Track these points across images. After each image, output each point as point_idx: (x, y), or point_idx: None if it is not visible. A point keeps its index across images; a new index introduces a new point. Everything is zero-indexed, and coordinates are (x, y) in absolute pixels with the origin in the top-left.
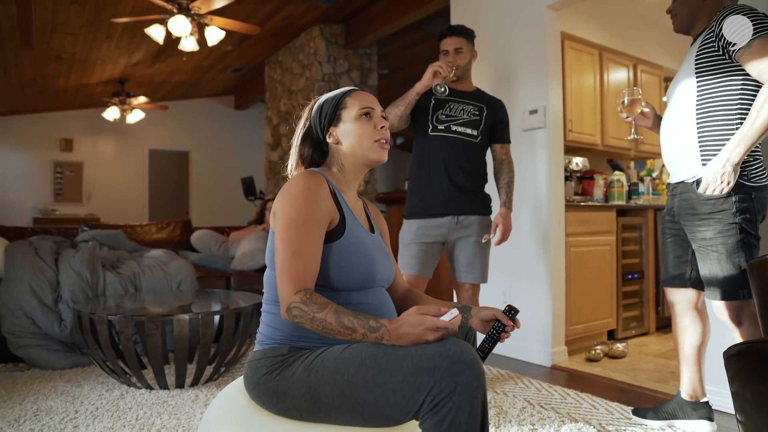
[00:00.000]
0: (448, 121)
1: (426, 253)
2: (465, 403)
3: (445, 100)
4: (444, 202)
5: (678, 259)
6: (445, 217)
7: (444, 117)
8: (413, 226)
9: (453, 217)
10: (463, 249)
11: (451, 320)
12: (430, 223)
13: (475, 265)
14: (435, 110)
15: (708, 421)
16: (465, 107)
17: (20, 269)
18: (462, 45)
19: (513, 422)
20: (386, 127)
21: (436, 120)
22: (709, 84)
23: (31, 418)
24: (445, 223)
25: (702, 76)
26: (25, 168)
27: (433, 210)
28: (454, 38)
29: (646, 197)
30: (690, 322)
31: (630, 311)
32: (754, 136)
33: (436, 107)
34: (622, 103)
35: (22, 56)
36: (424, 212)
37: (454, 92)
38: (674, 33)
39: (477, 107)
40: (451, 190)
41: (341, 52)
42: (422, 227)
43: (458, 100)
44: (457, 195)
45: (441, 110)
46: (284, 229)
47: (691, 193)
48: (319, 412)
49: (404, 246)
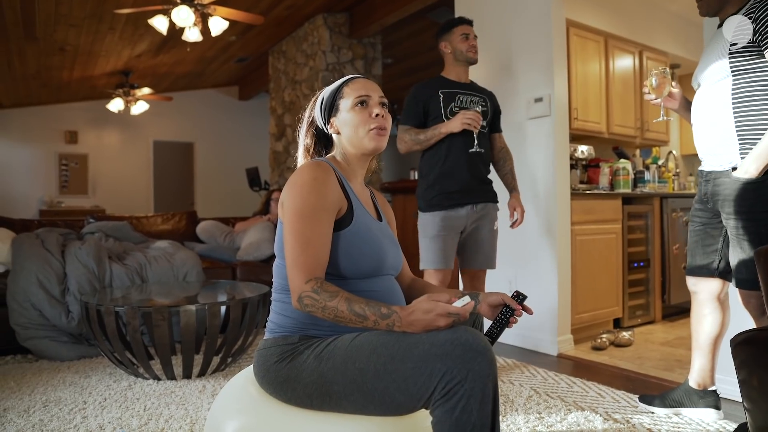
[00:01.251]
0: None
1: (452, 245)
2: (477, 391)
3: (454, 92)
4: (464, 193)
5: (706, 248)
6: (464, 207)
7: (457, 109)
8: (436, 219)
9: (472, 206)
10: (480, 236)
11: (463, 307)
12: (451, 214)
13: (492, 251)
14: (447, 103)
15: (715, 410)
16: (473, 98)
17: (27, 261)
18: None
19: (520, 411)
20: (382, 114)
21: (450, 113)
22: (746, 69)
23: (40, 409)
24: (465, 213)
25: (738, 61)
26: (31, 161)
27: (455, 201)
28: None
29: (651, 185)
30: (710, 312)
31: (636, 299)
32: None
33: (447, 100)
34: (650, 83)
35: (25, 49)
36: (443, 204)
37: (459, 84)
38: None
39: (482, 98)
40: (470, 181)
41: (345, 42)
42: (446, 218)
43: (465, 92)
44: (475, 185)
45: (453, 103)
46: (293, 219)
47: (725, 178)
48: (330, 400)
49: (430, 239)
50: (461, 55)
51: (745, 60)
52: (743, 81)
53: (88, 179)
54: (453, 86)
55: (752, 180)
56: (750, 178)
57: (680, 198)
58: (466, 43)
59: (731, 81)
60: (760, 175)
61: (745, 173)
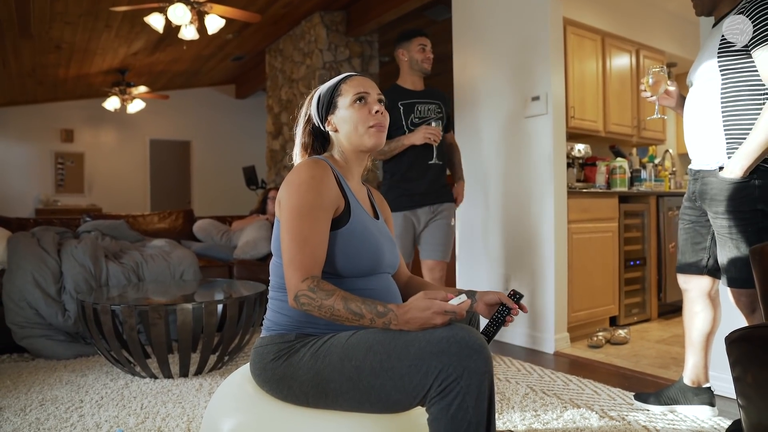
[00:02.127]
0: (421, 122)
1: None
2: (473, 388)
3: (412, 102)
4: (424, 195)
5: (695, 246)
6: (423, 207)
7: (417, 120)
8: (398, 219)
9: (430, 206)
10: (437, 230)
11: (459, 305)
12: (410, 214)
13: (448, 245)
14: (407, 115)
15: (709, 407)
16: (429, 107)
17: (23, 260)
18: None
19: (516, 408)
20: (381, 111)
21: (411, 123)
22: (734, 69)
23: (37, 408)
24: (423, 212)
25: (726, 61)
26: (26, 159)
27: (415, 202)
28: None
29: (648, 184)
30: (701, 309)
31: (632, 298)
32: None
33: (407, 111)
34: (647, 81)
35: (21, 46)
36: (405, 205)
37: (415, 93)
38: (677, 18)
39: (437, 105)
40: (430, 186)
41: (342, 40)
42: (406, 218)
43: (423, 101)
44: (435, 188)
45: (412, 114)
46: (290, 217)
47: (712, 178)
48: (326, 398)
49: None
50: (416, 64)
51: (733, 60)
52: (731, 81)
53: (85, 178)
54: (410, 96)
55: (738, 180)
56: (735, 178)
57: (676, 197)
58: (423, 54)
59: (720, 81)
60: (746, 174)
61: (730, 173)
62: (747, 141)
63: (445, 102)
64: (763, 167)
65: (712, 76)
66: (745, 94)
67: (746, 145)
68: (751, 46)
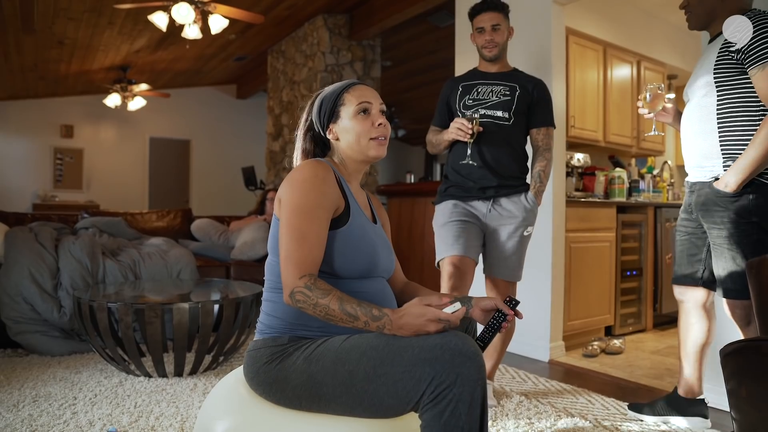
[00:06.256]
0: (476, 105)
1: (466, 231)
2: (465, 395)
3: (473, 84)
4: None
5: (691, 258)
6: (481, 200)
7: (471, 102)
8: (448, 206)
9: (492, 200)
10: (501, 240)
11: (454, 313)
12: (464, 204)
13: (516, 260)
14: (462, 96)
15: (703, 418)
16: (494, 88)
17: (20, 255)
18: (500, 21)
19: (510, 416)
20: (384, 123)
21: (463, 106)
22: (730, 84)
23: (30, 404)
24: (482, 206)
25: (722, 76)
26: (26, 154)
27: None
28: (490, 14)
29: (646, 194)
30: (696, 321)
31: (628, 308)
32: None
33: (464, 93)
34: (644, 98)
35: (23, 41)
36: (457, 195)
37: (484, 74)
38: (678, 30)
39: (508, 87)
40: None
41: (344, 43)
42: (458, 205)
43: (487, 83)
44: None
45: (468, 95)
46: (290, 214)
47: (708, 189)
48: (319, 402)
49: (440, 227)
50: (478, 50)
51: (729, 75)
52: (727, 96)
53: (83, 174)
54: (477, 77)
55: (732, 193)
56: (729, 191)
57: (674, 208)
58: (481, 37)
59: (716, 96)
60: (740, 188)
61: (725, 186)
62: (743, 156)
63: (528, 88)
64: (758, 181)
65: (709, 92)
66: (740, 109)
67: (742, 160)
68: (748, 64)
